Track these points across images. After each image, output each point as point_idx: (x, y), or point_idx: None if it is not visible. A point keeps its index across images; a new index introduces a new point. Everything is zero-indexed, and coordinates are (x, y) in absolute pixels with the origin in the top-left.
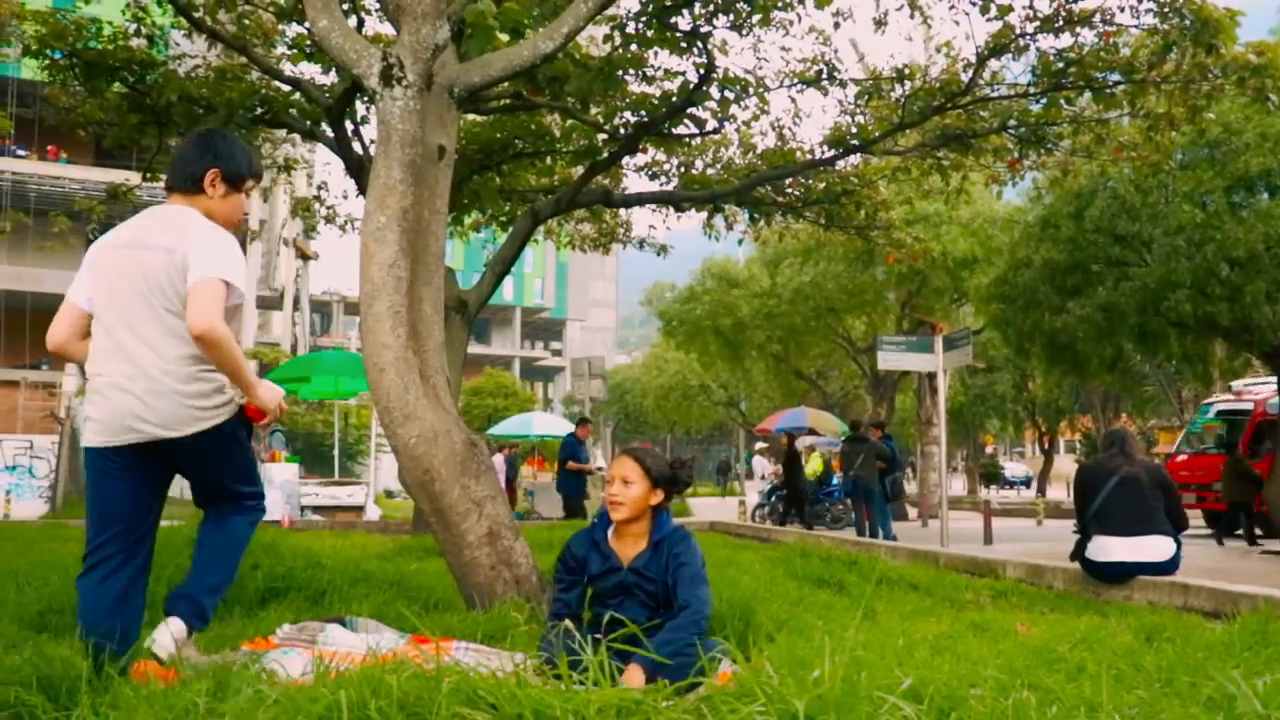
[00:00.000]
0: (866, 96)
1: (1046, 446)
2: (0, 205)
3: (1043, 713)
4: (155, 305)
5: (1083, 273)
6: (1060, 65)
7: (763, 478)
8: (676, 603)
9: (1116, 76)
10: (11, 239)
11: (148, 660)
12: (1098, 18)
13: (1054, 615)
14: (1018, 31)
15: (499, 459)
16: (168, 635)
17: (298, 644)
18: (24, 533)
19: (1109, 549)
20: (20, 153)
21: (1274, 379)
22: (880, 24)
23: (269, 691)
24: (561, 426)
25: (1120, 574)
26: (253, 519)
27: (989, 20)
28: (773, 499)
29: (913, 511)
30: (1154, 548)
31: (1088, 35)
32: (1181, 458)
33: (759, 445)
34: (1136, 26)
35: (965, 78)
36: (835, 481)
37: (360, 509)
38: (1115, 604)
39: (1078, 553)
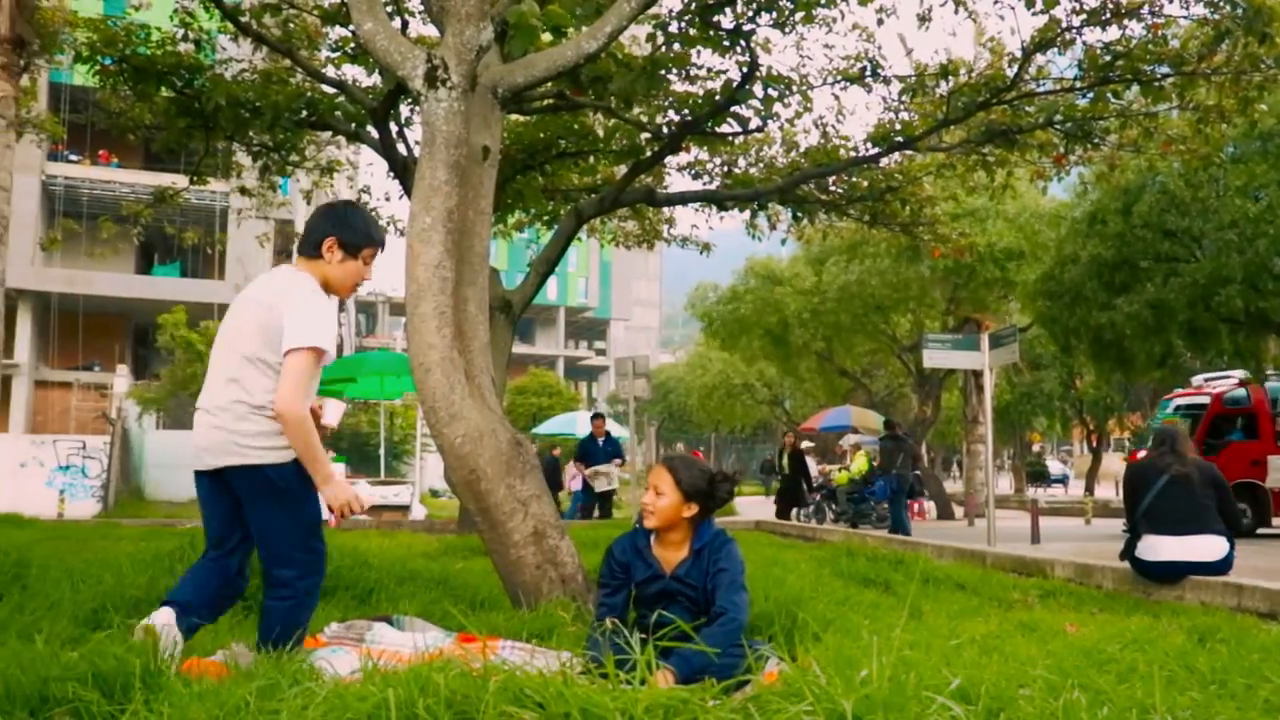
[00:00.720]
0: (911, 93)
1: (1095, 445)
2: (54, 211)
3: (1094, 714)
4: (238, 351)
5: (1131, 269)
6: (1107, 58)
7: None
8: (714, 607)
9: (1165, 69)
10: (65, 243)
11: (199, 657)
12: (1146, 9)
13: (1104, 615)
14: (1064, 25)
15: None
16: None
17: (346, 642)
18: (78, 532)
19: (1159, 548)
20: (72, 158)
21: (1235, 373)
22: (924, 20)
23: (318, 690)
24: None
25: (1171, 574)
26: (283, 605)
27: (1034, 14)
28: (817, 498)
29: (959, 510)
30: (1206, 547)
31: (1135, 27)
32: (1142, 454)
33: (804, 444)
34: (1186, 17)
35: (1010, 73)
36: (879, 480)
37: (406, 508)
38: (1166, 604)
39: (1127, 552)
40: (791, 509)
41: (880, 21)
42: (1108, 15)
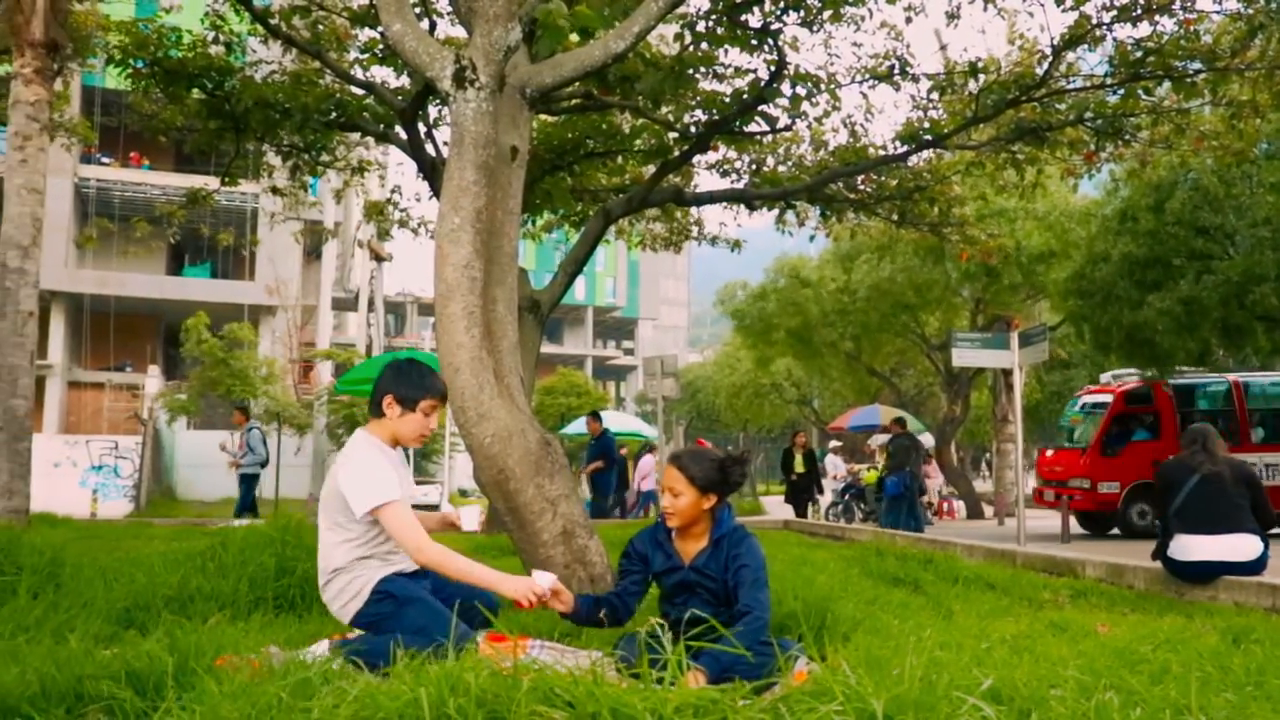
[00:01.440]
0: (940, 91)
1: None
2: (86, 213)
3: (1127, 715)
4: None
5: (1163, 266)
6: (1138, 55)
7: (835, 477)
8: (737, 606)
9: (1198, 65)
10: (96, 245)
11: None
12: (1178, 4)
13: (1135, 615)
14: (1094, 21)
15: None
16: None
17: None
18: (110, 531)
19: (1192, 548)
20: (105, 160)
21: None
22: (953, 17)
23: (349, 688)
24: (633, 425)
25: (1204, 574)
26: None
27: (1065, 11)
28: (846, 497)
29: (988, 510)
30: (1239, 546)
31: (1167, 23)
32: (1050, 453)
33: (833, 444)
34: (1219, 12)
35: (1040, 70)
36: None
37: (435, 508)
38: (1200, 604)
39: (1159, 552)
40: (807, 506)
41: (909, 19)
42: (1139, 11)
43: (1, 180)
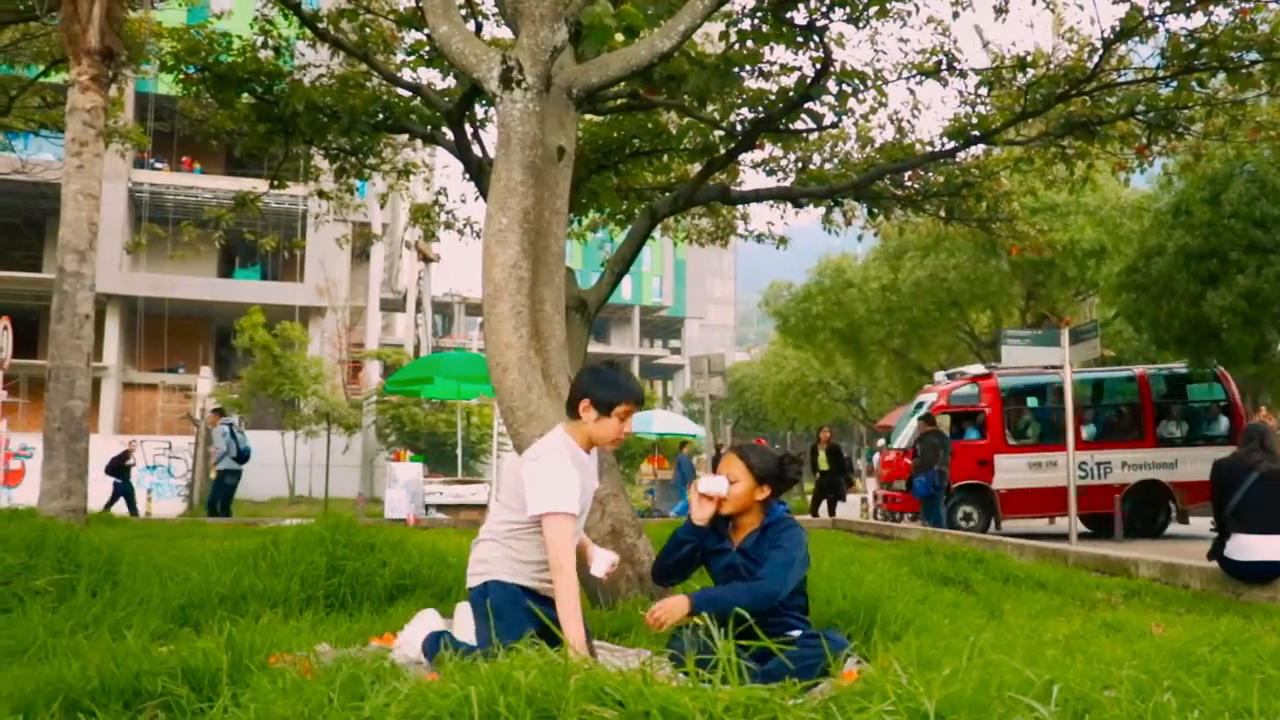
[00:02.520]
0: (988, 86)
1: None
2: (140, 217)
3: (1184, 717)
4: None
5: (1220, 259)
6: (1191, 46)
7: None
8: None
9: (1254, 55)
10: (150, 248)
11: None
12: None
13: (1191, 616)
14: (1146, 13)
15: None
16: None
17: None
18: (165, 530)
19: (1250, 548)
20: (157, 165)
21: (981, 366)
22: (1001, 11)
23: (401, 687)
24: (681, 424)
25: (1263, 574)
26: None
27: (1115, 3)
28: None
29: None
30: None
31: (1222, 13)
32: (889, 456)
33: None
34: (1277, 1)
35: (1091, 63)
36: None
37: (483, 507)
38: (1258, 605)
39: (1216, 551)
40: (835, 505)
41: (956, 14)
42: (1192, 2)
43: (59, 186)
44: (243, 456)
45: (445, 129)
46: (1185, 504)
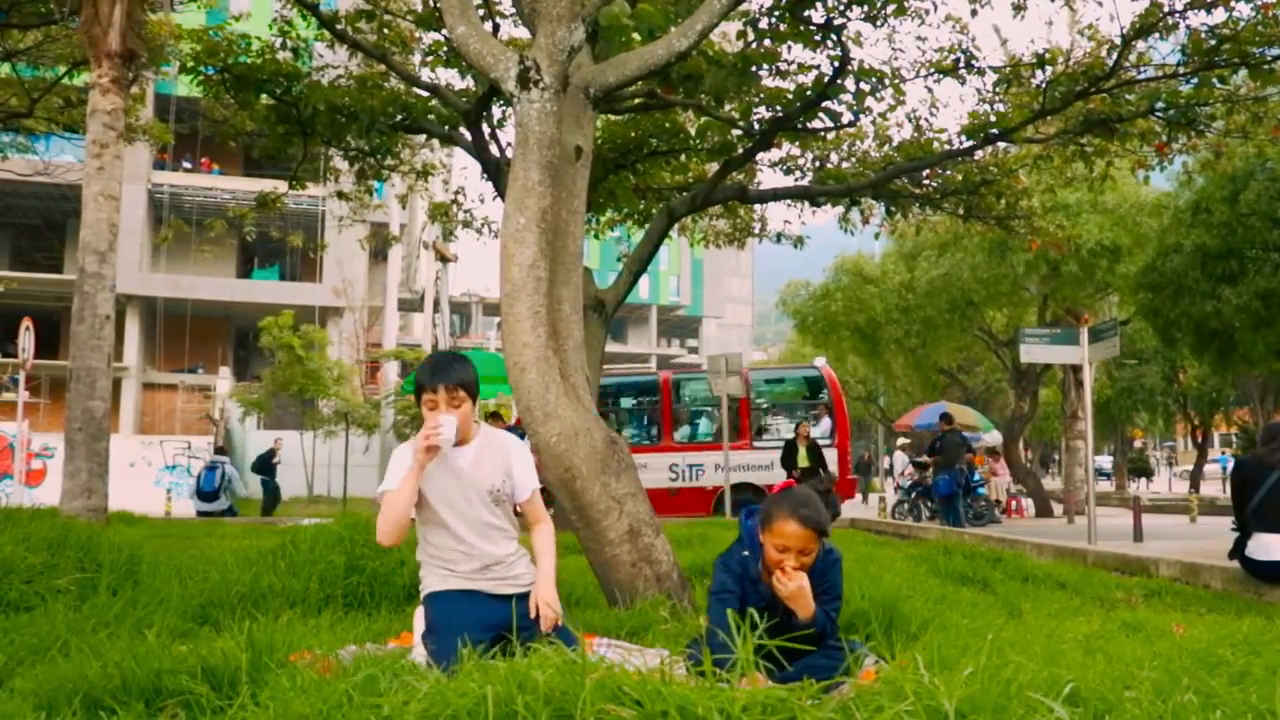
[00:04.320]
0: (1006, 84)
1: (1200, 440)
2: (159, 218)
3: (1205, 718)
4: None
5: (1238, 258)
6: (1212, 42)
7: (902, 474)
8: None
9: (1276, 51)
10: (170, 248)
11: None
12: None
13: (1212, 616)
14: (1166, 9)
15: None
16: None
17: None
18: (184, 529)
19: (1272, 547)
20: (186, 165)
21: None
22: (1019, 9)
23: (419, 685)
24: None
25: None
26: None
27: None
28: (912, 495)
29: (1058, 508)
30: None
31: (1243, 9)
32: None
33: (900, 441)
34: None
35: (1110, 60)
36: (977, 477)
37: None
38: None
39: (1237, 551)
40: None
41: (974, 12)
42: None
43: (79, 188)
44: (204, 495)
45: (463, 129)
46: None
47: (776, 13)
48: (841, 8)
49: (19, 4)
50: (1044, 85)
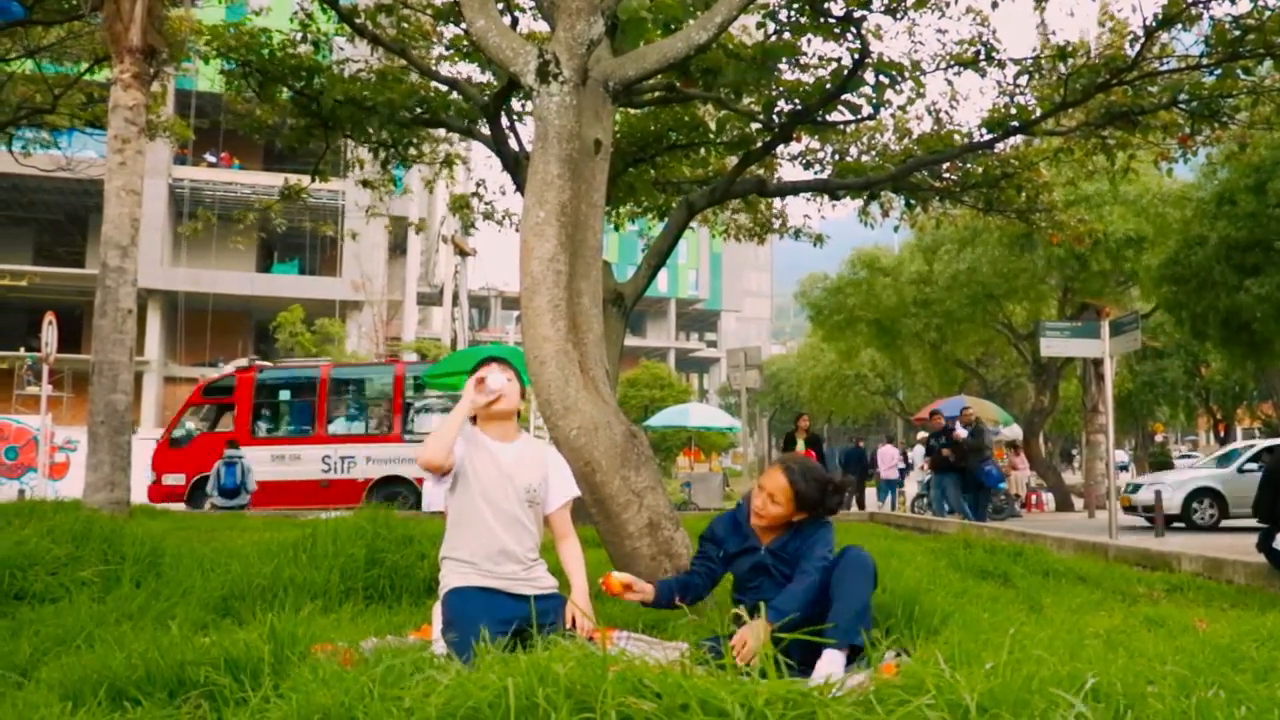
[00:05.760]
0: (1027, 76)
1: (1222, 434)
2: (180, 213)
3: (1230, 714)
4: None
5: (1263, 250)
6: (1236, 33)
7: (922, 468)
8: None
9: None
10: (191, 243)
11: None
12: None
13: (1235, 611)
14: (1189, 0)
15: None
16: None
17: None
18: (205, 522)
19: None
20: (211, 160)
21: (246, 359)
22: (1041, 1)
23: (440, 677)
24: (717, 418)
25: None
26: None
27: None
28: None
29: (1078, 502)
30: None
31: None
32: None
33: (920, 435)
34: None
35: (1132, 52)
36: (987, 469)
37: None
38: None
39: (1265, 543)
40: None
41: (995, 4)
42: None
43: (101, 183)
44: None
45: (482, 123)
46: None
47: (796, 5)
48: (861, 0)
49: (43, 0)
50: (1065, 77)
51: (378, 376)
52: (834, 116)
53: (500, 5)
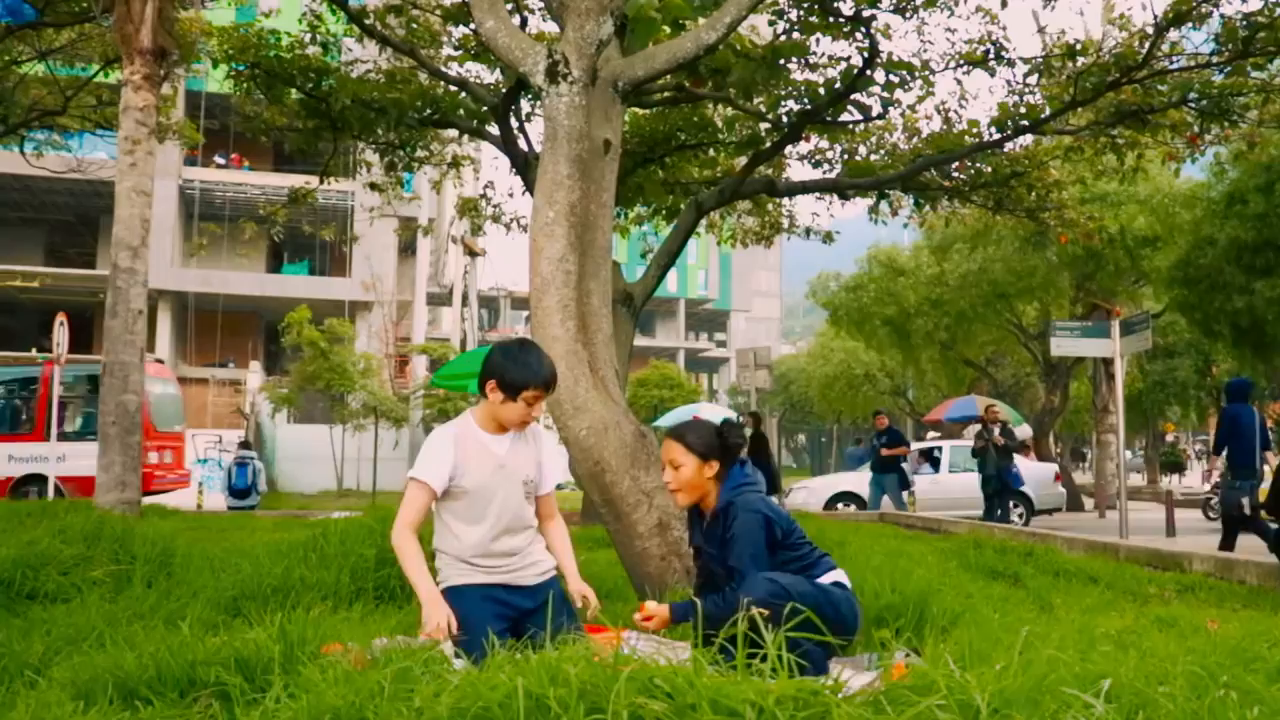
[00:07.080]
0: (1036, 75)
1: None
2: (190, 214)
3: (1243, 715)
4: None
5: (1274, 250)
6: (1246, 31)
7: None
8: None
9: None
10: (208, 251)
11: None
12: None
13: (1247, 612)
14: None
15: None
16: None
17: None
18: (216, 522)
19: None
20: (220, 161)
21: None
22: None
23: (451, 677)
24: (726, 418)
25: None
26: None
27: None
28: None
29: (1089, 502)
30: None
31: None
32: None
33: (930, 435)
34: None
35: (1142, 50)
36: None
37: None
38: None
39: (1276, 543)
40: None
41: (1004, 3)
42: None
43: (112, 184)
44: (236, 492)
45: (492, 123)
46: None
47: (805, 5)
48: None
49: (54, 2)
50: (1075, 76)
51: (23, 373)
52: (843, 116)
53: (509, 6)
